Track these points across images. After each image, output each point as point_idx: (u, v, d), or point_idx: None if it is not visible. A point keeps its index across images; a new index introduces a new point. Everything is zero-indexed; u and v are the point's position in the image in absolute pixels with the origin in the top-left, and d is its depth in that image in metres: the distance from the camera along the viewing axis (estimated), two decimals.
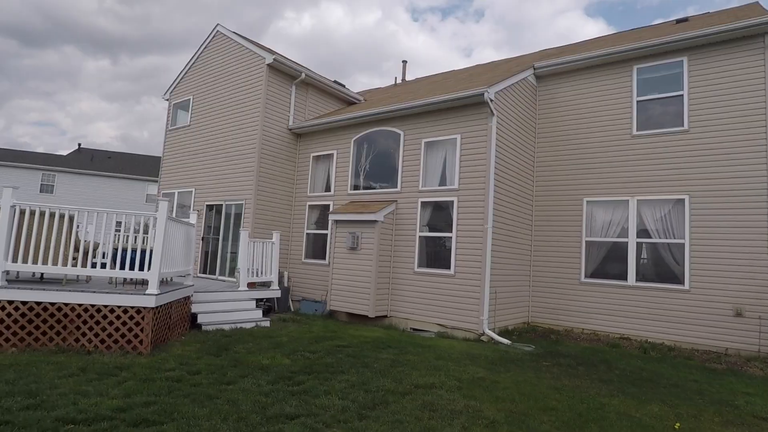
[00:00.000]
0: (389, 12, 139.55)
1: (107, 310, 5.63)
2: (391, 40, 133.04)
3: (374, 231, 8.99)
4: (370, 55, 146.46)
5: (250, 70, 11.13)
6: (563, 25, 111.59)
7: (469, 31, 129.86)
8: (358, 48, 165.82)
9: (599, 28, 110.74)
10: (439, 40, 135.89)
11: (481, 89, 8.09)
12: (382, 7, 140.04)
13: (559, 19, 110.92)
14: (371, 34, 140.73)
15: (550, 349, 7.52)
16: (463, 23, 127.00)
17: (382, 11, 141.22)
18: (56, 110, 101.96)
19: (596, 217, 9.25)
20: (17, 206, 5.69)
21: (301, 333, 7.62)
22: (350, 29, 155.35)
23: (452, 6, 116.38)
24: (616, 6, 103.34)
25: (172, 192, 12.81)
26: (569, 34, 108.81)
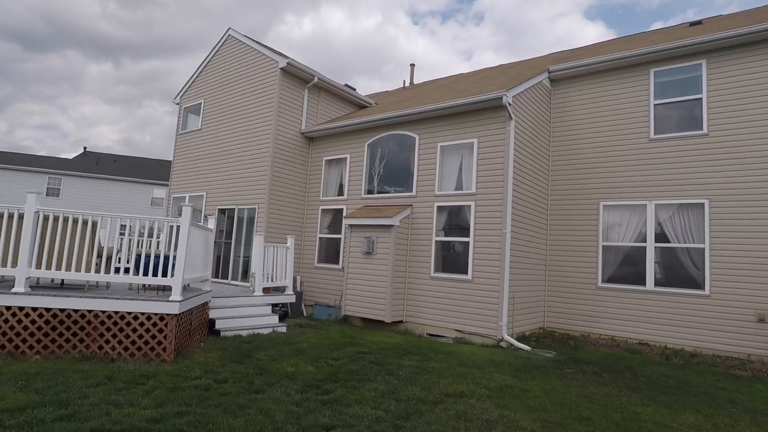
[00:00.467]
0: (389, 16, 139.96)
1: (131, 317, 5.59)
2: (392, 44, 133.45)
3: (390, 235, 8.94)
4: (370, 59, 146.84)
5: (263, 74, 11.11)
6: (563, 28, 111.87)
7: (469, 35, 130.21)
8: (358, 52, 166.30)
9: (599, 31, 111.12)
10: (440, 43, 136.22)
11: (499, 93, 8.06)
12: (383, 10, 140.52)
13: (559, 23, 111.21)
14: (372, 38, 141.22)
15: (570, 355, 7.45)
16: (463, 26, 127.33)
17: (382, 15, 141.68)
18: (58, 114, 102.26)
19: (613, 221, 9.20)
20: (41, 212, 5.65)
21: (320, 339, 7.56)
22: (351, 33, 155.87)
23: (452, 9, 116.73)
24: (616, 9, 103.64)
25: (183, 196, 12.78)
26: (569, 37, 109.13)
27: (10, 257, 5.57)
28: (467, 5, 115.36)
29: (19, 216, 5.65)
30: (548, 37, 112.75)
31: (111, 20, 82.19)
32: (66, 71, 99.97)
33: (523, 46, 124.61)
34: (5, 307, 5.39)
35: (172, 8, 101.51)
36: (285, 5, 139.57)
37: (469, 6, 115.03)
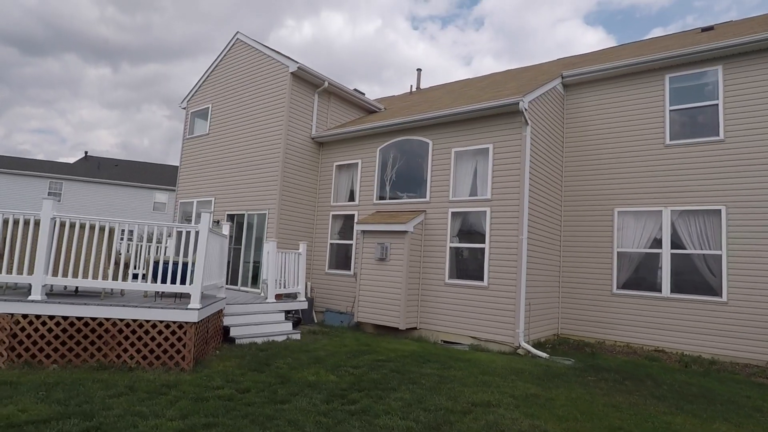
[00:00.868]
0: (389, 21, 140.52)
1: (149, 325, 5.49)
2: (391, 49, 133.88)
3: (404, 242, 8.87)
4: (370, 63, 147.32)
5: (273, 79, 11.07)
6: (563, 33, 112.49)
7: (468, 40, 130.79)
8: (358, 56, 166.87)
9: (599, 37, 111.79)
10: (439, 48, 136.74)
11: (516, 98, 8.03)
12: (382, 15, 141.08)
13: (559, 28, 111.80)
14: (371, 42, 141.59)
15: (589, 362, 7.37)
16: (463, 31, 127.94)
17: (382, 20, 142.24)
18: (57, 118, 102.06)
19: (628, 227, 9.15)
20: (57, 218, 5.57)
21: (336, 346, 7.47)
22: (350, 38, 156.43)
23: (452, 15, 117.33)
24: (615, 15, 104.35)
25: (191, 201, 12.70)
26: (569, 43, 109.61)
27: (26, 264, 5.48)
28: (467, 10, 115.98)
29: (35, 222, 5.57)
30: (548, 43, 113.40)
31: (110, 24, 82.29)
32: (64, 75, 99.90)
33: (522, 51, 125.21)
34: (21, 315, 5.30)
35: (171, 12, 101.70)
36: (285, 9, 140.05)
37: (469, 11, 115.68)
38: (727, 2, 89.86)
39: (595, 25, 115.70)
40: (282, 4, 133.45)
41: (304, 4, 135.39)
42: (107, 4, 79.71)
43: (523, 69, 14.15)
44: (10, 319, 5.25)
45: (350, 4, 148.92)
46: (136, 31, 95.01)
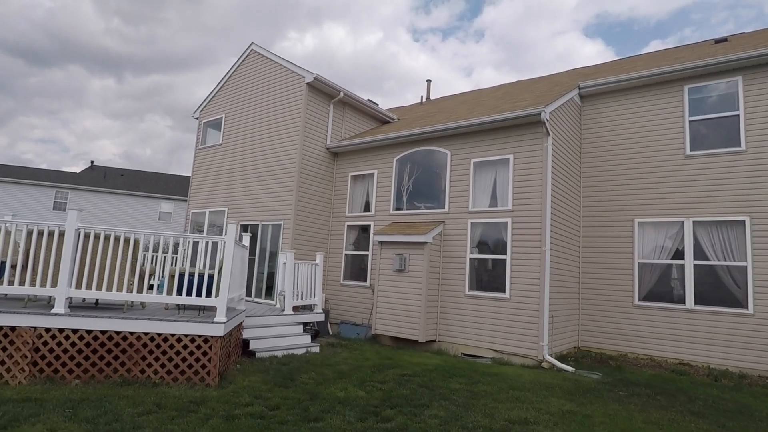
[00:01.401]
0: (391, 33, 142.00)
1: (174, 339, 5.37)
2: (392, 60, 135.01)
3: (423, 253, 8.76)
4: (371, 74, 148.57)
5: (289, 89, 11.06)
6: (562, 45, 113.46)
7: (469, 51, 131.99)
8: (359, 68, 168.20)
9: (597, 49, 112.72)
10: (440, 60, 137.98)
11: (537, 109, 7.98)
12: (384, 28, 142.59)
13: (558, 40, 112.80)
14: (373, 54, 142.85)
15: (616, 376, 7.21)
16: (464, 43, 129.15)
17: (383, 32, 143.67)
18: (60, 128, 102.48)
19: (648, 238, 9.04)
20: (81, 230, 5.48)
21: (357, 360, 7.32)
22: (352, 49, 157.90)
23: (453, 27, 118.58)
24: (614, 27, 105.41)
25: (203, 211, 12.61)
26: (568, 54, 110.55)
27: (50, 276, 5.38)
28: (467, 23, 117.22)
29: (59, 234, 5.47)
30: (548, 55, 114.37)
31: (114, 36, 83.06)
32: (69, 86, 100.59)
33: (522, 63, 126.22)
34: (44, 329, 5.18)
35: (175, 25, 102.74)
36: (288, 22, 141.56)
37: (470, 24, 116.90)
38: (724, 15, 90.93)
39: (594, 38, 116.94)
40: (285, 17, 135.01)
41: (307, 16, 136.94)
42: (112, 17, 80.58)
43: (535, 80, 14.16)
44: (32, 333, 5.13)
45: (352, 17, 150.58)
46: (141, 42, 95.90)
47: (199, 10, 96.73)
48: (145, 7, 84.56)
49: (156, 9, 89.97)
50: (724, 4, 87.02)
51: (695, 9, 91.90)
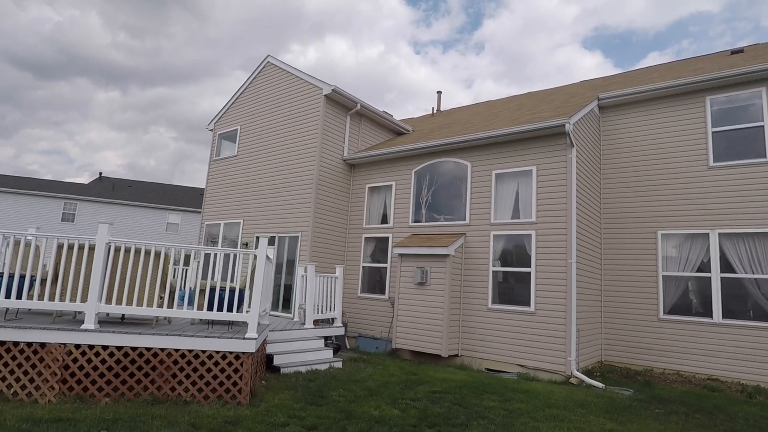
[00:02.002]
0: (392, 45, 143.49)
1: (205, 355, 5.26)
2: (393, 72, 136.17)
3: (445, 265, 8.66)
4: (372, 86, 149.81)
5: (306, 101, 11.07)
6: (561, 58, 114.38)
7: (469, 63, 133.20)
8: (360, 79, 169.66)
9: (597, 61, 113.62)
10: (441, 72, 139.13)
11: (562, 120, 7.95)
12: (385, 40, 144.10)
13: (558, 53, 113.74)
14: (374, 66, 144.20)
15: (648, 393, 7.06)
16: (464, 56, 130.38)
17: (385, 45, 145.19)
18: (65, 139, 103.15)
19: (672, 250, 8.93)
20: (112, 243, 5.41)
21: (383, 376, 7.18)
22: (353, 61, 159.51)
23: (453, 40, 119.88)
24: (612, 40, 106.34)
25: (218, 223, 12.55)
26: (567, 67, 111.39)
27: (80, 291, 5.30)
28: (468, 35, 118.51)
29: (89, 247, 5.41)
30: (547, 67, 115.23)
31: (121, 49, 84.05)
32: (75, 98, 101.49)
33: (522, 75, 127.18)
34: (74, 345, 5.08)
35: (180, 38, 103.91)
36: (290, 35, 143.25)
37: (470, 36, 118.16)
38: (721, 28, 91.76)
39: (592, 50, 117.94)
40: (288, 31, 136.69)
41: (310, 30, 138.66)
42: (119, 31, 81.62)
43: (548, 91, 14.18)
44: (62, 350, 5.04)
45: (354, 30, 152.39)
46: (146, 55, 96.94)
47: (204, 24, 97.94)
48: (151, 22, 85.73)
49: (162, 23, 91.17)
50: (721, 17, 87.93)
51: (692, 21, 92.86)
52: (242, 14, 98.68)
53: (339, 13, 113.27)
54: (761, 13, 78.00)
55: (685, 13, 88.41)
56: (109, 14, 78.18)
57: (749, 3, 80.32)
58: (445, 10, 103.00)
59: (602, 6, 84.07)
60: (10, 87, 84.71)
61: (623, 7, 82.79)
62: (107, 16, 79.02)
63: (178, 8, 78.56)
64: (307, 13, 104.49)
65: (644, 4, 78.71)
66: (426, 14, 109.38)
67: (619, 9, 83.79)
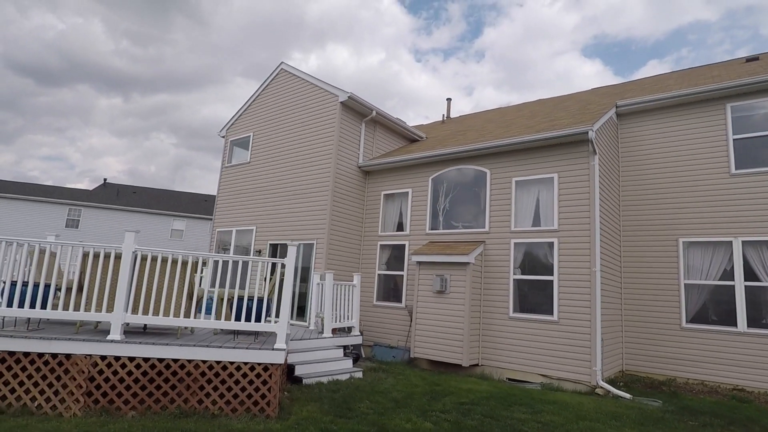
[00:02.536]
0: (393, 53, 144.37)
1: (233, 367, 5.14)
2: (394, 80, 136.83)
3: (465, 273, 8.55)
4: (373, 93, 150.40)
5: (322, 108, 11.02)
6: (561, 65, 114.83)
7: (470, 71, 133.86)
8: (361, 86, 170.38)
9: (596, 69, 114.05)
10: (441, 79, 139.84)
11: (585, 127, 7.89)
12: (386, 48, 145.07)
13: (558, 60, 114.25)
14: (375, 73, 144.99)
15: (676, 404, 6.93)
16: (464, 63, 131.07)
17: (386, 53, 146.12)
18: (67, 145, 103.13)
19: (694, 258, 8.84)
20: (138, 252, 5.32)
21: (406, 386, 7.05)
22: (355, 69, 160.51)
23: (454, 47, 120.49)
24: (612, 48, 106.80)
25: (229, 230, 12.46)
26: (567, 74, 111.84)
27: (105, 301, 5.19)
28: (468, 43, 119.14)
29: (116, 256, 5.31)
30: (547, 74, 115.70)
31: (123, 56, 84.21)
32: (77, 104, 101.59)
33: (523, 82, 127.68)
34: (100, 356, 4.97)
35: (182, 45, 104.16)
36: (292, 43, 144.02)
37: (470, 44, 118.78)
38: (720, 36, 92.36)
39: (592, 58, 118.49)
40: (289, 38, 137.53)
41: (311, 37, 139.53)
42: (121, 38, 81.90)
43: (561, 98, 14.15)
44: (88, 362, 4.92)
45: (355, 38, 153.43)
46: (148, 62, 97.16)
47: (206, 32, 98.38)
48: (153, 29, 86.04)
49: (164, 30, 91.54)
50: (720, 26, 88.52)
51: (691, 30, 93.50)
52: (244, 21, 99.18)
53: (340, 21, 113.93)
54: (760, 22, 78.59)
55: (684, 22, 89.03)
56: (112, 22, 78.48)
57: (747, 11, 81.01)
58: (445, 19, 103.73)
59: (601, 14, 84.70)
60: (13, 93, 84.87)
61: (622, 16, 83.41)
62: (110, 24, 79.34)
63: (180, 16, 79.00)
64: (308, 20, 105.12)
65: (643, 13, 79.35)
66: (427, 22, 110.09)
67: (619, 17, 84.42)
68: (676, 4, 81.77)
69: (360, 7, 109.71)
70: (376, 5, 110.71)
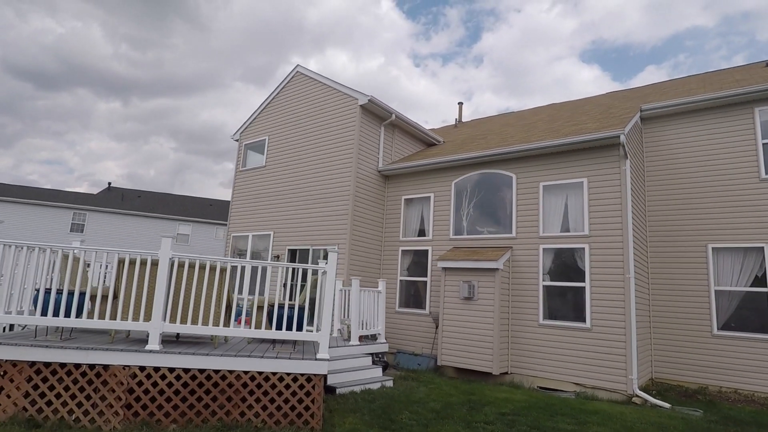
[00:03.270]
0: (392, 58, 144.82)
1: (276, 378, 4.98)
2: (393, 84, 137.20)
3: (494, 280, 8.42)
4: None
5: (341, 112, 10.91)
6: (560, 70, 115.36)
7: (469, 76, 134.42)
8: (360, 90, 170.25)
9: (594, 74, 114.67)
10: (440, 84, 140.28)
11: (617, 131, 7.79)
12: (385, 53, 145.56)
13: (556, 66, 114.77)
14: (374, 78, 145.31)
15: (718, 413, 6.78)
16: (463, 68, 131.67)
17: (385, 57, 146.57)
18: (66, 149, 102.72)
19: (724, 264, 8.72)
20: (175, 259, 5.16)
21: (440, 396, 6.89)
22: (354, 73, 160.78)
23: (452, 53, 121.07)
24: (610, 53, 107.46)
25: (245, 235, 12.29)
26: (566, 79, 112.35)
27: (143, 309, 5.03)
28: (467, 48, 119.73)
29: (152, 263, 5.15)
30: (546, 79, 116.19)
31: (122, 60, 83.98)
32: (76, 108, 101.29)
33: (521, 87, 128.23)
34: (138, 367, 4.79)
35: (182, 49, 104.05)
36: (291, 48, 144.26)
37: (469, 49, 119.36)
38: (717, 42, 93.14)
39: (590, 63, 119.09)
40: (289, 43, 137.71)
41: (311, 42, 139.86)
42: (121, 42, 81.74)
43: (579, 102, 14.07)
44: (126, 373, 4.75)
45: (354, 43, 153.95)
46: (148, 66, 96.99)
47: (206, 36, 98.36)
48: (152, 33, 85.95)
49: (163, 35, 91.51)
50: (716, 32, 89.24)
51: (688, 36, 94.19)
52: (243, 26, 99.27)
53: (339, 26, 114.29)
54: (756, 28, 79.28)
55: (681, 28, 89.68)
56: (111, 26, 78.37)
57: (744, 18, 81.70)
58: (444, 24, 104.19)
59: (599, 20, 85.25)
60: (11, 97, 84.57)
61: (620, 21, 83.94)
62: (109, 28, 79.23)
63: (179, 20, 78.91)
64: (307, 25, 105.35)
65: (641, 18, 79.90)
66: (426, 27, 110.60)
67: (616, 23, 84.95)
68: (674, 10, 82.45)
69: (359, 12, 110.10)
70: (375, 10, 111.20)
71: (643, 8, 79.06)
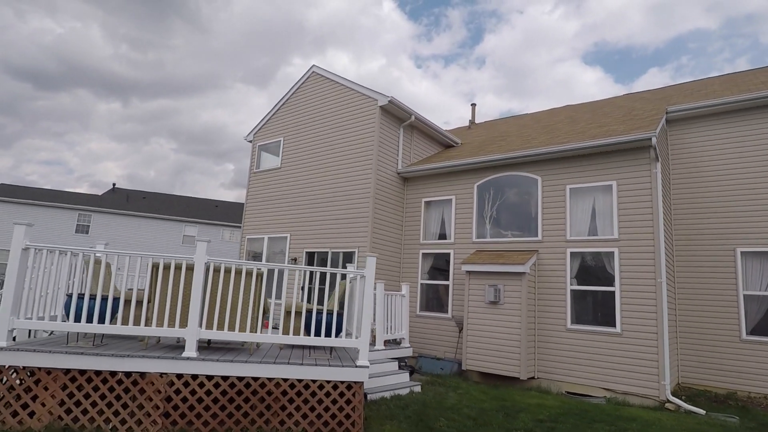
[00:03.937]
0: (393, 59, 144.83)
1: (316, 386, 4.85)
2: (395, 86, 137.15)
3: (521, 283, 8.29)
4: None
5: (359, 113, 10.79)
6: (562, 72, 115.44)
7: (471, 77, 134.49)
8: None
9: (597, 76, 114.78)
10: (442, 86, 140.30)
11: (648, 133, 7.68)
12: (387, 55, 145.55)
13: (558, 67, 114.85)
14: (375, 79, 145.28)
15: (754, 420, 6.65)
16: (465, 70, 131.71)
17: (386, 59, 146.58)
18: (65, 150, 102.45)
19: (753, 268, 8.60)
20: (211, 263, 5.04)
21: (471, 401, 6.76)
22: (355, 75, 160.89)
23: (454, 54, 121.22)
24: (612, 55, 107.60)
25: (261, 237, 12.17)
26: (568, 81, 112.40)
27: (178, 315, 4.90)
28: (469, 50, 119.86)
29: (187, 267, 5.03)
30: (548, 81, 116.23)
31: (122, 61, 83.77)
32: (75, 109, 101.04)
33: (524, 89, 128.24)
34: (176, 375, 4.67)
35: (182, 50, 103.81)
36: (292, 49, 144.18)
37: (471, 51, 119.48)
38: (720, 44, 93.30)
39: (593, 65, 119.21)
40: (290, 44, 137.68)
41: (312, 43, 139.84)
42: (121, 43, 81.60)
43: (598, 103, 13.93)
44: (163, 381, 4.63)
45: (356, 44, 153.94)
46: (148, 67, 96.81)
47: (206, 37, 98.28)
48: (152, 34, 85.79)
49: (164, 36, 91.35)
50: (719, 34, 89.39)
51: (691, 38, 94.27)
52: (244, 27, 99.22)
53: (341, 27, 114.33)
54: (759, 30, 79.35)
55: (684, 30, 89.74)
56: (111, 26, 78.19)
57: (747, 20, 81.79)
58: (446, 25, 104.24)
59: (602, 22, 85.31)
60: (11, 97, 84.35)
61: (623, 23, 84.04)
62: (109, 29, 79.06)
63: (180, 21, 78.76)
64: (309, 26, 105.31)
65: (643, 21, 79.96)
66: (427, 29, 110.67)
67: (619, 25, 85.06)
68: (676, 12, 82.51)
69: (360, 13, 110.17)
70: (376, 11, 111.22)
71: (645, 10, 79.13)
